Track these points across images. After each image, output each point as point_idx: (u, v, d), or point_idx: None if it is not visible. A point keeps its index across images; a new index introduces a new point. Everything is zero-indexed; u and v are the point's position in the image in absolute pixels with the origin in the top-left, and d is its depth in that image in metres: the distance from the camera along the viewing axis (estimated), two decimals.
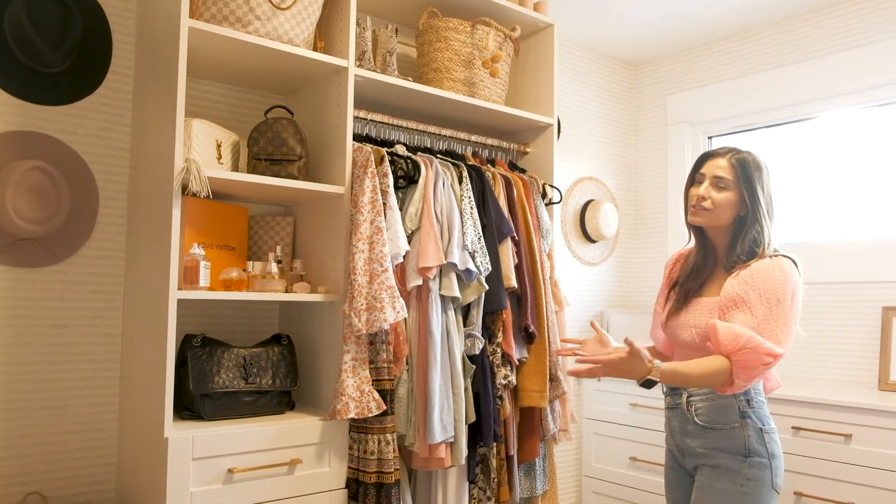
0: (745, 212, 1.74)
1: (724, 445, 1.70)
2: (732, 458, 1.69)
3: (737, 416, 1.70)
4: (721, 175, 1.75)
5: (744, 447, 1.68)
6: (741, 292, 1.66)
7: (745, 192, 1.73)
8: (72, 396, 2.04)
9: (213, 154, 1.99)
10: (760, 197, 1.73)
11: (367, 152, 2.08)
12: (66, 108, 2.06)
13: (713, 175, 1.76)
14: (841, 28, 3.00)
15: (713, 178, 1.76)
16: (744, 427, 1.69)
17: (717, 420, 1.72)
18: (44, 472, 1.99)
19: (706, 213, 1.76)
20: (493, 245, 2.28)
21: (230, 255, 2.10)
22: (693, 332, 1.76)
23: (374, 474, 1.97)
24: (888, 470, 2.31)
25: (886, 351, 2.74)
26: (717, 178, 1.75)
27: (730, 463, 1.69)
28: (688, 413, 1.77)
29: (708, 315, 1.73)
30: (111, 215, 2.12)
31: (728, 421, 1.71)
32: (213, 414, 1.92)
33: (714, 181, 1.76)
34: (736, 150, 1.77)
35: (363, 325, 1.95)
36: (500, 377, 2.27)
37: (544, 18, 2.68)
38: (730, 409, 1.71)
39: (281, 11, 1.99)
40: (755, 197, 1.73)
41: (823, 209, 3.08)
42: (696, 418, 1.75)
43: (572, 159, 3.47)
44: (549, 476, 2.49)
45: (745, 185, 1.73)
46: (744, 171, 1.73)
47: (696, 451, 1.76)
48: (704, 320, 1.74)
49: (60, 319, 2.03)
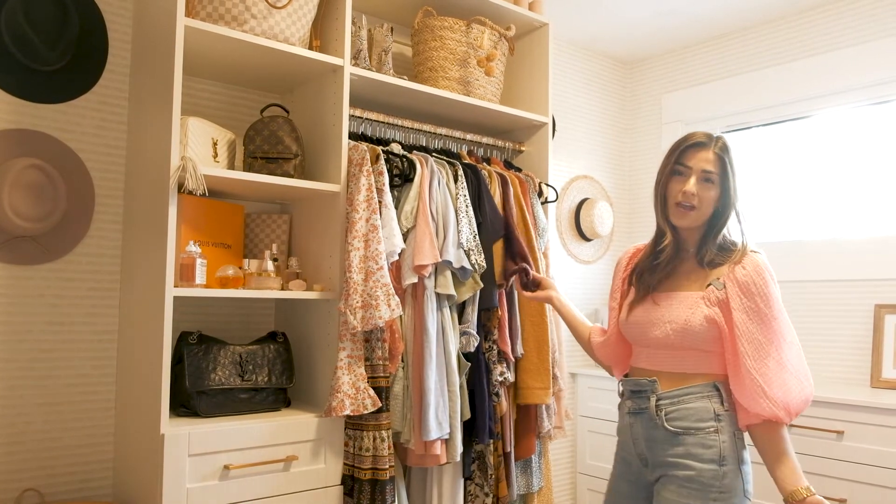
0: (724, 205, 1.61)
1: (698, 452, 1.56)
2: (706, 467, 1.55)
3: (712, 420, 1.57)
4: (710, 169, 1.59)
5: (718, 454, 1.55)
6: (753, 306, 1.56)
7: (730, 185, 1.60)
8: (68, 393, 2.05)
9: (209, 152, 2.00)
10: (737, 188, 1.62)
11: (363, 150, 2.09)
12: (62, 106, 2.06)
13: (701, 169, 1.60)
14: (835, 26, 3.02)
15: (701, 173, 1.60)
16: (719, 431, 1.56)
17: (691, 425, 1.58)
18: (40, 468, 2.00)
19: (695, 213, 1.61)
20: (488, 243, 2.29)
21: (226, 253, 2.10)
22: (668, 328, 1.61)
23: (369, 471, 1.99)
24: (880, 466, 2.33)
25: (878, 348, 2.76)
26: (705, 172, 1.59)
27: (703, 473, 1.54)
28: (657, 418, 1.61)
29: (688, 310, 1.59)
30: (107, 213, 2.13)
31: (702, 426, 1.57)
32: (209, 411, 1.93)
33: (702, 176, 1.60)
34: (717, 138, 1.62)
35: (359, 322, 1.96)
36: (496, 374, 2.28)
37: (539, 17, 2.69)
38: (704, 412, 1.58)
39: (277, 10, 1.99)
40: (735, 189, 1.61)
41: (817, 207, 3.10)
42: (667, 424, 1.60)
43: (567, 158, 3.48)
44: (545, 473, 2.50)
45: (731, 179, 1.60)
46: (729, 162, 1.60)
47: (663, 461, 1.60)
48: (684, 316, 1.60)
49: (57, 317, 2.04)
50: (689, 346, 1.61)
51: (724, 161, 1.60)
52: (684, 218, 1.62)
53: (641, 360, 1.71)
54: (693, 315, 1.59)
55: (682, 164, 1.62)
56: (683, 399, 1.60)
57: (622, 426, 1.74)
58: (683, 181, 1.62)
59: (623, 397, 1.74)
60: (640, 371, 1.71)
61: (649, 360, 1.68)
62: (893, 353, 2.72)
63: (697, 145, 1.62)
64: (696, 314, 1.59)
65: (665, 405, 1.61)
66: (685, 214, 1.62)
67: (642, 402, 1.65)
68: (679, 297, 1.64)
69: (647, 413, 1.64)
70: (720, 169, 1.60)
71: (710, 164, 1.60)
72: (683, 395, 1.61)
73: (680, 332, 1.60)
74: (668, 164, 1.65)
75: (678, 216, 1.63)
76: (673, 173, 1.64)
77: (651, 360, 1.68)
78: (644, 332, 1.68)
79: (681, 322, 1.60)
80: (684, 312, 1.60)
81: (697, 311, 1.59)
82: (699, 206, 1.60)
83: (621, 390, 1.75)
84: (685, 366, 1.63)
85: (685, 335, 1.60)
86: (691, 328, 1.59)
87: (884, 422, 2.33)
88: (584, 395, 3.34)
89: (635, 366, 1.74)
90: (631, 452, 1.70)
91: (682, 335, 1.60)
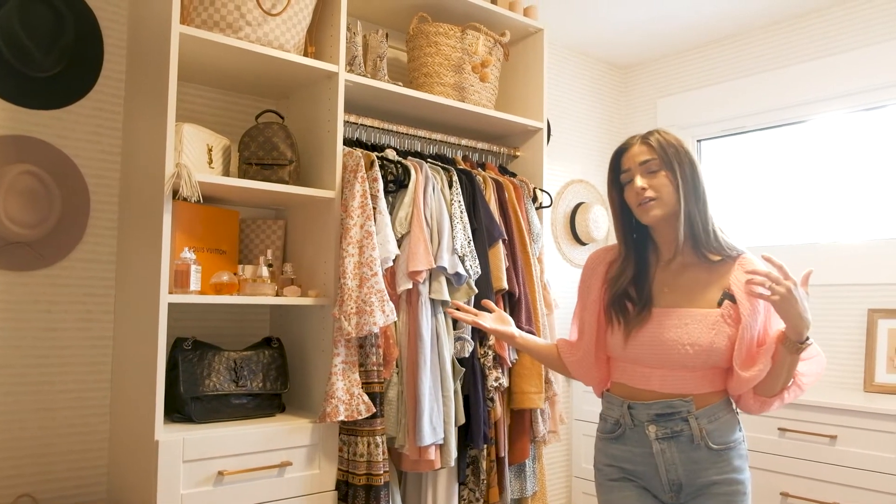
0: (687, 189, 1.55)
1: (739, 465, 1.55)
2: (746, 476, 1.56)
3: (738, 431, 1.58)
4: (646, 158, 1.56)
5: (747, 461, 1.58)
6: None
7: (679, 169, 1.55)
8: (63, 399, 2.05)
9: (204, 158, 2.00)
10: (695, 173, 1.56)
11: (358, 157, 2.10)
12: (57, 113, 2.07)
13: (638, 163, 1.57)
14: (830, 32, 3.03)
15: (640, 166, 1.57)
16: (744, 440, 1.59)
17: (730, 440, 1.55)
18: (35, 474, 2.00)
19: (657, 203, 1.55)
20: (483, 249, 2.30)
21: (221, 259, 2.11)
22: (689, 350, 1.52)
23: (364, 476, 1.99)
24: (872, 471, 2.34)
25: (872, 353, 2.77)
26: (643, 163, 1.56)
27: (745, 483, 1.55)
28: (700, 438, 1.53)
29: (710, 331, 1.52)
30: (102, 219, 2.14)
31: (735, 437, 1.56)
32: (203, 417, 1.93)
33: (643, 169, 1.57)
34: (645, 133, 1.60)
35: (353, 328, 1.96)
36: (490, 379, 2.29)
37: (534, 23, 2.70)
38: (733, 423, 1.58)
39: (272, 17, 2.00)
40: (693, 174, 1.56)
41: (811, 212, 3.11)
42: (711, 443, 1.53)
43: (563, 162, 3.49)
44: (539, 477, 2.51)
45: (679, 163, 1.55)
46: (664, 146, 1.56)
47: (707, 482, 1.53)
48: (708, 338, 1.51)
49: (52, 323, 2.04)
50: (713, 365, 1.55)
51: (655, 147, 1.56)
52: (651, 211, 1.56)
53: (652, 383, 1.57)
54: (717, 336, 1.52)
55: (623, 170, 1.62)
56: (717, 415, 1.55)
57: (640, 454, 1.58)
58: (632, 184, 1.58)
59: (634, 423, 1.58)
60: (648, 392, 1.58)
61: (663, 383, 1.56)
62: (887, 358, 2.74)
63: (626, 148, 1.62)
64: (720, 335, 1.52)
65: (704, 423, 1.54)
66: (648, 208, 1.56)
67: (676, 424, 1.54)
68: (694, 315, 1.55)
69: (685, 435, 1.54)
70: (657, 154, 1.56)
71: (644, 154, 1.57)
72: (716, 411, 1.55)
73: (704, 354, 1.52)
74: (612, 178, 1.65)
75: (643, 213, 1.57)
76: (622, 183, 1.63)
77: (666, 382, 1.56)
78: (656, 354, 1.56)
79: (705, 345, 1.52)
80: (706, 334, 1.52)
81: (721, 333, 1.52)
82: (659, 195, 1.55)
83: (631, 416, 1.59)
84: (707, 384, 1.56)
85: (710, 357, 1.53)
86: (717, 350, 1.52)
87: (877, 426, 2.34)
88: (579, 399, 3.35)
89: (639, 387, 1.60)
90: (657, 481, 1.58)
91: (707, 357, 1.53)
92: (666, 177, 1.55)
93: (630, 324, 1.59)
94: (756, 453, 2.63)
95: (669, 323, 1.55)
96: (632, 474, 1.61)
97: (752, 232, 3.28)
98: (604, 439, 1.67)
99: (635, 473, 1.60)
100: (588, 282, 1.73)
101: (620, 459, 1.62)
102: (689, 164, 1.56)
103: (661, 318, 1.57)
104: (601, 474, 1.67)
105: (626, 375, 1.63)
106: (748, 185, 3.33)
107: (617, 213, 1.66)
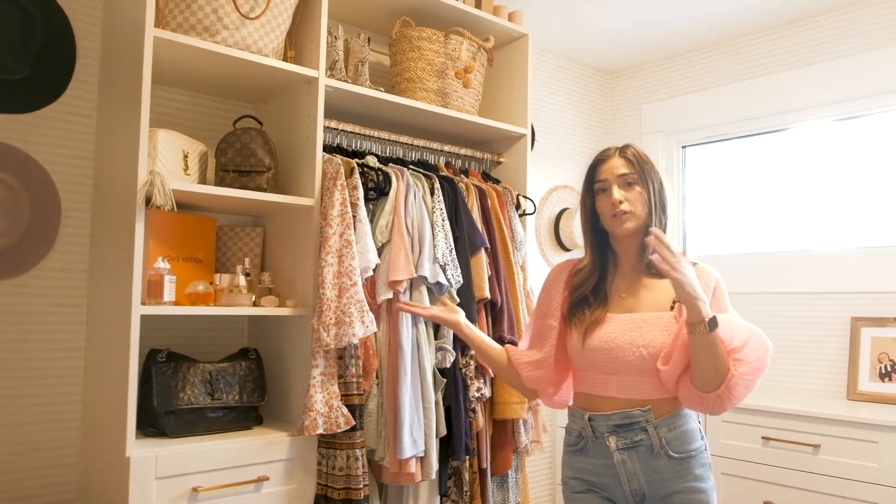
0: (655, 205, 1.61)
1: (701, 473, 1.54)
2: (709, 485, 1.55)
3: (700, 439, 1.57)
4: (625, 171, 1.61)
5: (710, 469, 1.58)
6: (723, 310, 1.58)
7: (652, 186, 1.61)
8: (32, 413, 1.99)
9: (180, 165, 1.95)
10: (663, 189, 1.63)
11: (337, 164, 2.06)
12: (26, 117, 2.01)
13: (617, 175, 1.61)
14: (814, 41, 3.03)
15: (618, 178, 1.61)
16: (706, 449, 1.58)
17: (691, 448, 1.55)
18: (4, 490, 1.93)
19: (631, 216, 1.59)
20: (464, 257, 2.27)
21: (197, 268, 2.06)
22: (643, 352, 1.53)
23: (343, 490, 1.95)
24: (855, 480, 2.33)
25: (855, 361, 2.77)
26: (622, 176, 1.60)
27: (708, 491, 1.54)
28: (660, 448, 1.53)
29: (662, 333, 1.53)
30: (74, 226, 2.08)
31: (696, 446, 1.56)
32: (177, 431, 1.88)
33: (621, 181, 1.61)
34: (623, 146, 1.65)
35: (332, 339, 1.92)
36: (472, 390, 2.26)
37: (518, 28, 2.67)
38: (695, 432, 1.57)
39: (250, 21, 1.95)
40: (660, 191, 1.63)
41: (794, 220, 3.11)
42: (671, 451, 1.53)
43: (547, 167, 3.47)
44: (522, 488, 2.48)
45: (651, 180, 1.61)
46: (640, 162, 1.62)
47: (670, 491, 1.53)
48: (660, 339, 1.53)
49: (21, 334, 1.98)
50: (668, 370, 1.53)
51: (634, 162, 1.62)
52: (625, 224, 1.60)
53: (609, 389, 1.58)
54: (671, 338, 1.53)
55: (598, 180, 1.65)
56: (676, 424, 1.55)
57: (602, 465, 1.58)
58: (608, 195, 1.62)
59: (595, 435, 1.58)
60: (608, 401, 1.58)
61: (620, 388, 1.57)
62: (870, 366, 2.73)
63: (603, 159, 1.66)
64: (673, 337, 1.53)
65: (664, 433, 1.54)
66: (623, 220, 1.60)
67: (635, 433, 1.54)
68: (647, 318, 1.57)
69: (644, 445, 1.54)
70: (634, 168, 1.61)
71: (623, 167, 1.62)
72: (674, 419, 1.55)
73: (654, 356, 1.53)
74: (587, 186, 1.68)
75: (617, 225, 1.61)
76: (596, 193, 1.66)
77: (622, 387, 1.56)
78: (612, 359, 1.57)
79: (658, 347, 1.53)
80: (660, 336, 1.53)
81: (671, 334, 1.53)
82: (633, 209, 1.60)
83: (592, 428, 1.59)
84: (664, 390, 1.55)
85: (662, 358, 1.53)
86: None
87: (860, 436, 2.34)
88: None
89: (598, 394, 1.60)
90: (620, 492, 1.57)
91: (660, 358, 1.53)
92: (640, 192, 1.61)
93: (587, 328, 1.62)
94: (739, 462, 2.62)
95: (624, 327, 1.58)
96: (596, 486, 1.61)
97: (736, 239, 3.27)
98: (569, 452, 1.68)
99: (599, 485, 1.60)
100: (550, 291, 1.75)
101: (584, 472, 1.62)
102: (660, 181, 1.64)
103: (617, 323, 1.60)
104: (567, 487, 1.68)
105: (585, 383, 1.64)
106: (732, 192, 3.32)
107: (588, 220, 1.70)
